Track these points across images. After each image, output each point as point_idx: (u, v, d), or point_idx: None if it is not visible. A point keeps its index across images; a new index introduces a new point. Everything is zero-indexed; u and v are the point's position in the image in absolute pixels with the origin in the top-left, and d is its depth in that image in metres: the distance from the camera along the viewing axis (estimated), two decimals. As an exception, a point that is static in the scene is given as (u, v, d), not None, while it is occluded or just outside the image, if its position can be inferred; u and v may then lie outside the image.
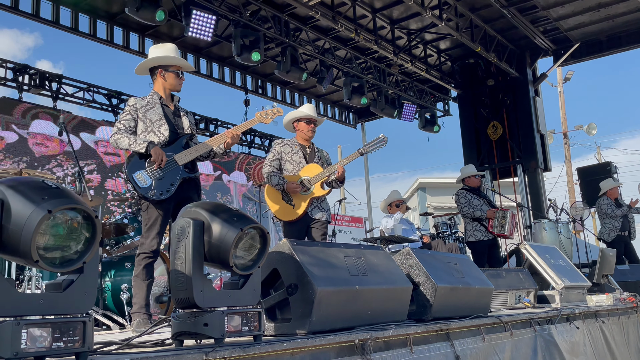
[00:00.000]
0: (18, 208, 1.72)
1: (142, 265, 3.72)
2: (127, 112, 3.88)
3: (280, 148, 5.01)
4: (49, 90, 9.27)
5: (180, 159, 3.85)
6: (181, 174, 3.84)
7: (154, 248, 3.74)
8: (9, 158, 8.61)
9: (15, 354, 1.65)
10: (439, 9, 9.10)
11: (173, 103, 4.04)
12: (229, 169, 12.23)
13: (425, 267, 3.44)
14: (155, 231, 3.75)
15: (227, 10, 8.58)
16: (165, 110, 3.94)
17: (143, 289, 3.70)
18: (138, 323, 3.58)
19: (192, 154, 3.89)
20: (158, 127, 3.86)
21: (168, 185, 3.77)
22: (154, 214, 3.77)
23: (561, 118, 21.84)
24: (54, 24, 8.50)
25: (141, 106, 3.89)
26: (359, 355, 2.54)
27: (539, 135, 11.33)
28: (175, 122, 3.97)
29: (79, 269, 1.87)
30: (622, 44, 10.99)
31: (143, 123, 3.86)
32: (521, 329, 3.90)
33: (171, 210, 3.84)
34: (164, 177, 3.77)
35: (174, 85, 4.00)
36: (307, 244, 2.94)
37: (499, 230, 6.90)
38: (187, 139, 3.97)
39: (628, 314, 5.69)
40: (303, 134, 5.08)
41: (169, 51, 4.01)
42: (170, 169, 3.80)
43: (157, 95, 3.98)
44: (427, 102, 12.84)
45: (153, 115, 3.87)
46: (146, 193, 3.71)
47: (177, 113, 4.03)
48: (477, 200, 7.13)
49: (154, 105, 3.90)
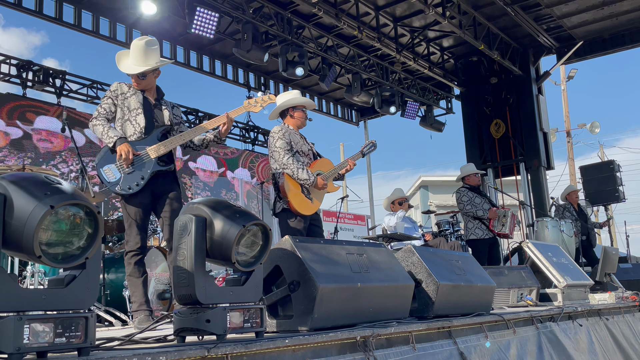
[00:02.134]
0: (20, 203, 1.72)
1: (132, 264, 3.65)
2: (108, 96, 3.81)
3: (289, 136, 4.66)
4: (53, 86, 9.29)
5: (153, 152, 3.72)
6: (153, 167, 3.70)
7: (139, 244, 3.67)
8: (13, 154, 8.63)
9: (17, 349, 1.65)
10: (442, 7, 9.08)
11: (157, 96, 3.96)
12: (233, 166, 12.24)
13: (427, 265, 3.44)
14: (135, 227, 3.68)
15: (230, 8, 8.57)
16: (145, 101, 3.85)
17: (139, 286, 3.64)
18: (140, 320, 3.54)
19: (166, 146, 3.77)
20: (135, 117, 3.77)
21: (137, 179, 3.65)
22: (130, 210, 3.69)
23: (564, 116, 21.79)
24: (56, 21, 8.51)
25: (122, 92, 3.81)
26: (361, 352, 2.54)
27: (541, 133, 11.30)
28: (154, 113, 3.87)
29: (81, 264, 1.87)
30: (625, 42, 10.95)
31: (121, 110, 3.78)
32: (523, 326, 3.90)
33: (149, 205, 3.76)
34: (133, 171, 3.66)
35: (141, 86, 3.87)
36: (309, 240, 2.94)
37: (500, 229, 6.94)
38: (163, 131, 3.84)
39: (631, 312, 5.68)
40: (299, 122, 4.80)
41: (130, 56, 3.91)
42: (141, 163, 3.69)
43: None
44: (430, 100, 12.82)
45: (132, 103, 3.79)
46: (113, 187, 3.61)
47: (158, 105, 3.93)
48: (478, 198, 7.15)
49: (135, 93, 3.83)
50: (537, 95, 11.47)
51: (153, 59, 3.84)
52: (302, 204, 4.55)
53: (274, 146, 4.58)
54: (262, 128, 13.04)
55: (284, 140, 4.57)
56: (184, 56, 10.49)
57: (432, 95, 12.98)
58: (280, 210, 4.55)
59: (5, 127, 8.64)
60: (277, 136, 4.59)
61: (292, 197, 4.50)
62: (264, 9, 9.02)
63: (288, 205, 4.50)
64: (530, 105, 11.36)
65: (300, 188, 4.55)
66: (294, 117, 4.76)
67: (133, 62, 3.83)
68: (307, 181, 4.51)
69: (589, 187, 11.17)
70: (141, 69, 3.78)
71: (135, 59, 3.82)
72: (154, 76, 3.89)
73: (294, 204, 4.50)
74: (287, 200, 4.50)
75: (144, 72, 3.80)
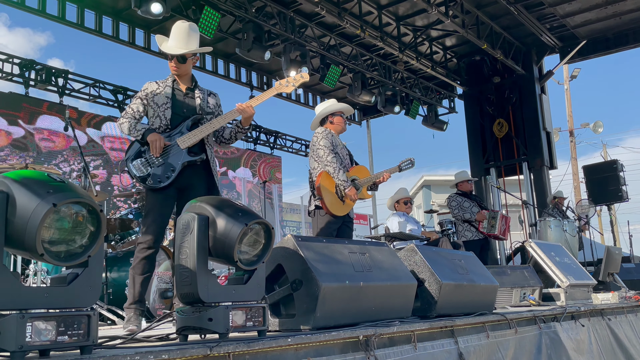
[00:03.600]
0: (23, 202, 1.72)
1: (140, 258, 3.46)
2: (138, 96, 3.73)
3: (332, 138, 4.87)
4: (55, 86, 9.30)
5: (183, 142, 3.58)
6: (183, 158, 3.56)
7: (153, 237, 3.48)
8: (15, 153, 8.65)
9: (20, 347, 1.65)
10: (445, 6, 9.07)
11: (190, 85, 3.80)
12: (235, 165, 12.25)
13: (430, 264, 3.43)
14: (151, 219, 3.51)
15: (232, 7, 8.57)
16: (176, 92, 3.73)
17: (138, 283, 3.44)
18: (129, 319, 3.37)
19: (196, 136, 3.61)
20: (163, 111, 3.66)
21: (168, 172, 3.52)
22: (152, 199, 3.55)
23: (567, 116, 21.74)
24: (60, 20, 8.51)
25: (152, 91, 3.71)
26: (362, 351, 2.54)
27: (544, 132, 11.27)
28: (184, 103, 3.73)
29: (83, 262, 1.87)
30: (629, 41, 10.92)
31: (151, 108, 3.68)
32: (526, 326, 3.89)
33: (174, 197, 3.61)
34: (164, 163, 3.53)
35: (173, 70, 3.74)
36: (312, 239, 2.94)
37: (489, 230, 7.24)
38: (193, 120, 3.68)
39: (634, 312, 5.67)
40: (340, 127, 5.05)
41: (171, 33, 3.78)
42: (171, 154, 3.56)
43: (171, 78, 3.78)
44: (432, 99, 12.81)
45: (160, 99, 3.68)
46: (143, 181, 3.51)
47: (190, 94, 3.77)
48: (467, 202, 7.53)
49: (164, 88, 3.71)
50: (540, 95, 11.44)
51: (194, 43, 3.73)
52: (335, 204, 4.74)
53: (318, 144, 4.81)
54: (264, 127, 13.04)
55: (327, 140, 4.81)
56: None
57: (434, 94, 12.96)
58: (314, 207, 4.79)
59: (7, 126, 8.65)
60: (321, 136, 4.84)
61: (325, 196, 4.71)
62: (266, 8, 9.02)
63: (321, 204, 4.72)
64: (533, 105, 11.33)
65: (335, 189, 4.75)
66: (334, 123, 5.04)
67: (175, 44, 3.70)
68: (344, 183, 4.71)
69: (592, 187, 11.15)
70: (183, 50, 3.66)
71: (177, 41, 3.70)
72: (192, 61, 3.77)
73: (327, 204, 4.70)
74: (320, 198, 4.70)
75: (186, 55, 3.68)
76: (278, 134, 13.38)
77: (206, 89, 3.89)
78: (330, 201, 4.70)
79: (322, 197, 4.68)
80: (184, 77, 3.79)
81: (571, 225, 7.89)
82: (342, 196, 4.76)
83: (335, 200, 4.74)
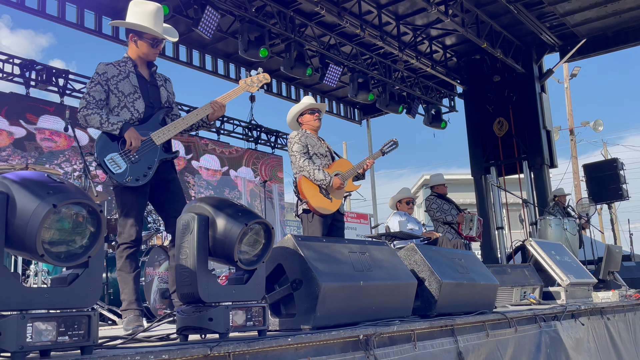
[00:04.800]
0: (23, 202, 1.73)
1: (124, 257, 3.34)
2: (97, 81, 3.37)
3: (305, 140, 4.85)
4: (56, 86, 9.31)
5: (159, 138, 3.41)
6: (159, 155, 3.41)
7: (134, 237, 3.36)
8: (17, 153, 8.65)
9: (20, 347, 1.66)
10: (445, 5, 9.07)
11: (149, 71, 3.59)
12: (236, 165, 12.26)
13: (430, 263, 3.43)
14: (132, 218, 3.36)
15: (232, 6, 8.57)
16: (140, 81, 3.49)
17: (129, 282, 3.33)
18: (128, 320, 3.24)
19: (170, 132, 3.44)
20: (132, 102, 3.41)
21: (145, 169, 3.34)
22: (127, 199, 3.36)
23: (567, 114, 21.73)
24: (59, 20, 8.51)
25: (112, 76, 3.40)
26: (362, 350, 2.54)
27: (545, 131, 11.27)
28: (152, 94, 3.52)
29: (84, 263, 1.88)
30: (629, 39, 10.91)
31: (115, 96, 3.39)
32: (526, 325, 3.89)
33: (148, 193, 3.45)
34: (140, 159, 3.33)
35: (148, 55, 3.52)
36: (311, 239, 2.94)
37: (467, 232, 7.37)
38: (163, 113, 3.52)
39: (634, 311, 5.67)
40: (310, 125, 4.98)
41: (144, 16, 3.46)
42: (146, 150, 3.37)
43: (130, 62, 3.52)
44: (432, 98, 12.81)
45: (126, 87, 3.41)
46: (121, 180, 3.27)
47: (154, 82, 3.57)
48: (446, 205, 7.69)
49: (127, 75, 3.44)
50: (540, 93, 11.43)
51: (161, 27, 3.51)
52: (322, 203, 4.73)
53: (291, 151, 4.84)
54: (265, 127, 13.05)
55: (300, 144, 4.80)
56: (187, 55, 10.49)
57: (435, 93, 12.96)
58: (302, 211, 4.76)
59: (8, 126, 8.66)
60: (294, 141, 4.85)
61: (310, 198, 4.69)
62: (266, 8, 9.02)
63: (308, 206, 4.70)
64: (533, 104, 11.33)
65: (318, 189, 4.73)
66: (304, 123, 5.01)
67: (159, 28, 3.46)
68: (323, 182, 4.70)
69: (593, 185, 11.15)
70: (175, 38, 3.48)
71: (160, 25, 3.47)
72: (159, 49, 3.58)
73: (313, 204, 4.69)
74: (306, 201, 4.69)
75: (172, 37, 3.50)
76: (279, 133, 13.38)
77: (160, 73, 3.69)
78: (316, 202, 4.69)
79: (308, 200, 4.67)
80: (143, 65, 3.57)
81: (571, 223, 7.89)
82: (327, 193, 4.75)
83: (322, 199, 4.73)
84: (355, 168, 4.95)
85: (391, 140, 5.28)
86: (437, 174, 8.22)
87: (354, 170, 4.93)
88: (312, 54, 10.26)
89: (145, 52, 3.52)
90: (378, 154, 5.21)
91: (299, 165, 4.74)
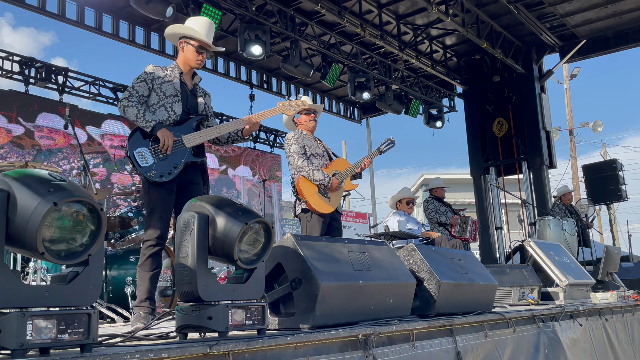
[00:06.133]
0: (24, 200, 1.73)
1: (146, 255, 3.44)
2: (143, 78, 3.59)
3: (302, 141, 4.89)
4: (55, 83, 9.30)
5: (189, 141, 3.56)
6: (187, 157, 3.55)
7: (157, 234, 3.44)
8: (15, 151, 8.65)
9: (20, 345, 1.66)
10: (445, 5, 9.07)
11: (193, 81, 3.79)
12: (235, 163, 12.25)
13: (429, 263, 3.44)
14: (157, 215, 3.47)
15: (233, 5, 8.57)
16: (182, 87, 3.69)
17: (146, 280, 3.42)
18: (137, 317, 3.35)
19: (202, 137, 3.61)
20: (171, 104, 3.60)
21: (171, 168, 3.47)
22: (154, 196, 3.48)
23: (567, 115, 21.75)
24: (59, 18, 8.51)
25: (158, 76, 3.61)
26: (361, 349, 2.54)
27: (544, 132, 11.28)
28: (190, 101, 3.71)
29: (84, 261, 1.88)
30: (629, 40, 10.92)
31: (157, 95, 3.59)
32: (524, 325, 3.90)
33: (174, 192, 3.56)
34: (167, 157, 3.47)
35: (190, 60, 3.72)
36: (311, 238, 2.94)
37: (460, 234, 7.51)
38: (198, 120, 3.70)
39: (632, 312, 5.68)
40: (305, 125, 5.03)
41: (195, 24, 3.75)
42: (175, 150, 3.52)
43: (177, 68, 3.73)
44: (432, 98, 12.81)
45: (169, 89, 3.61)
46: (146, 173, 3.40)
47: (194, 92, 3.77)
48: (442, 207, 7.93)
49: (172, 79, 3.65)
50: (539, 94, 11.44)
51: (210, 38, 3.77)
52: (320, 203, 4.75)
53: (289, 152, 4.86)
54: (264, 126, 13.04)
55: (297, 145, 4.83)
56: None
57: (434, 93, 12.96)
58: (300, 210, 4.79)
59: (7, 124, 8.65)
60: (291, 142, 4.87)
61: (309, 198, 4.72)
62: (267, 6, 9.02)
63: (307, 206, 4.72)
64: (533, 104, 11.34)
65: (316, 189, 4.76)
66: (299, 123, 5.04)
67: (209, 39, 3.71)
68: (322, 181, 4.73)
69: (592, 186, 11.16)
70: (221, 47, 3.72)
71: (209, 35, 3.73)
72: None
73: (312, 204, 4.71)
74: (305, 201, 4.72)
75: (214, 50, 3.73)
76: (278, 132, 13.39)
77: (202, 87, 3.89)
78: (315, 201, 4.73)
79: (307, 200, 4.71)
80: (190, 73, 3.79)
81: (570, 224, 7.90)
82: (325, 193, 4.78)
83: (320, 199, 4.76)
84: (353, 167, 4.98)
85: (388, 139, 5.32)
86: (436, 178, 8.41)
87: (351, 170, 4.97)
88: (312, 53, 10.26)
89: (189, 57, 3.73)
90: (375, 153, 5.25)
91: (297, 166, 4.78)
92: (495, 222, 11.50)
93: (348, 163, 5.05)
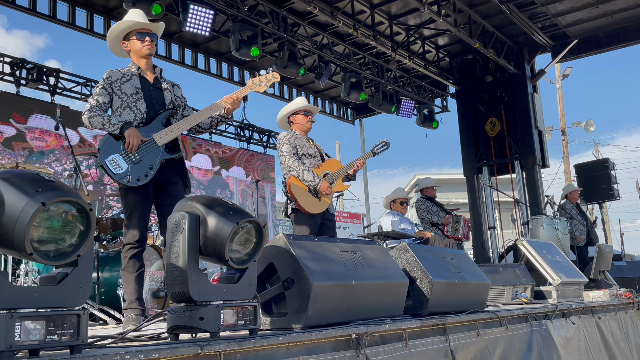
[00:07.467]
0: (12, 200, 1.71)
1: (128, 257, 3.43)
2: (101, 85, 3.53)
3: (294, 141, 4.87)
4: (47, 85, 9.25)
5: (160, 139, 3.48)
6: (161, 155, 3.47)
7: (138, 237, 3.43)
8: (7, 152, 8.60)
9: (9, 346, 1.64)
10: (437, 5, 9.09)
11: (154, 74, 3.70)
12: (228, 164, 12.23)
13: (421, 262, 3.44)
14: (135, 219, 3.44)
15: (224, 5, 8.55)
16: (143, 83, 3.60)
17: (131, 282, 3.42)
18: (128, 319, 3.35)
19: (173, 132, 3.51)
20: (134, 102, 3.52)
21: (146, 169, 3.41)
22: (131, 199, 3.45)
23: (559, 114, 21.83)
24: (51, 19, 8.47)
25: (116, 79, 3.54)
26: (354, 349, 2.54)
27: (536, 131, 11.32)
28: (155, 95, 3.62)
29: (73, 262, 1.86)
30: (620, 40, 10.98)
31: (118, 97, 3.52)
32: (517, 324, 3.91)
33: (151, 194, 3.53)
34: (141, 160, 3.41)
35: (138, 51, 3.62)
36: (303, 238, 2.94)
37: (453, 233, 7.55)
38: (167, 115, 3.61)
39: (624, 310, 5.70)
40: (302, 125, 5.01)
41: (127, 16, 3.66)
42: (148, 151, 3.44)
43: (134, 66, 3.65)
44: (425, 98, 12.83)
45: (129, 89, 3.54)
46: (121, 179, 3.35)
47: (158, 85, 3.67)
48: (434, 207, 7.96)
49: (130, 78, 3.57)
50: (532, 94, 11.48)
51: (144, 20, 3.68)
52: (310, 203, 4.73)
53: (280, 151, 4.85)
54: (257, 127, 13.03)
55: (289, 145, 4.82)
56: (179, 54, 10.46)
57: (427, 93, 12.98)
58: (290, 210, 4.78)
59: (-1, 125, 8.60)
60: (283, 142, 4.86)
61: (299, 198, 4.71)
62: (259, 7, 9.00)
63: (297, 206, 4.71)
64: (525, 104, 11.38)
65: (307, 189, 4.74)
66: (295, 123, 5.02)
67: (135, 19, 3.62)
68: (312, 183, 4.72)
69: (584, 185, 11.21)
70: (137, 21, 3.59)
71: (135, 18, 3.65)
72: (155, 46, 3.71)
73: (302, 204, 4.70)
74: (294, 200, 4.70)
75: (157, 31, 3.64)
76: (271, 133, 13.37)
77: (168, 79, 3.80)
78: (305, 201, 4.71)
79: (297, 199, 4.69)
80: (148, 64, 3.69)
81: (562, 223, 7.93)
82: (316, 194, 4.76)
83: (311, 199, 4.74)
84: (345, 168, 4.97)
85: (382, 141, 5.31)
86: (426, 178, 8.44)
87: (343, 171, 4.96)
88: (304, 54, 10.25)
89: (136, 49, 3.64)
90: (369, 155, 5.24)
91: (288, 166, 4.77)
92: (489, 222, 11.53)
93: (340, 164, 5.03)
